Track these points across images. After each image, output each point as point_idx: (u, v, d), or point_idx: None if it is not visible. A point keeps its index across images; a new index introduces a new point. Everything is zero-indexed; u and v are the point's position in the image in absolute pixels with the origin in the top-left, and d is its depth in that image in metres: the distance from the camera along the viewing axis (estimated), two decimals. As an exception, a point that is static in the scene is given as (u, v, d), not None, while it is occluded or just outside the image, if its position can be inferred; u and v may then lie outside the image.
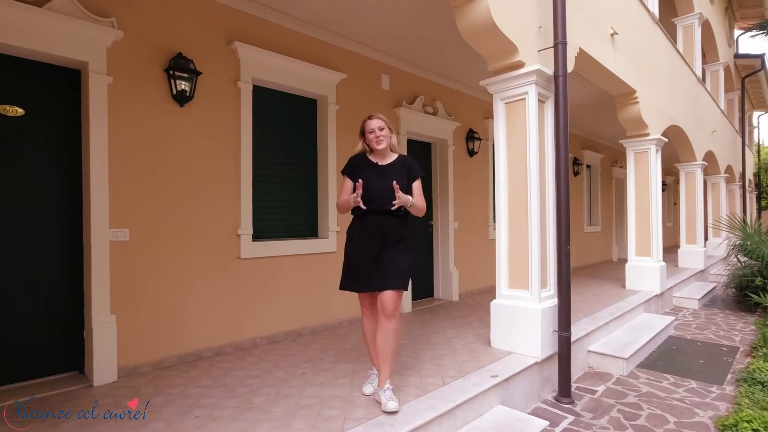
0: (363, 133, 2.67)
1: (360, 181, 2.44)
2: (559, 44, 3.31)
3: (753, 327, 5.40)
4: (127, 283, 3.05)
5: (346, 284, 2.66)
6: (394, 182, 2.44)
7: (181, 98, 3.27)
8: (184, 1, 3.36)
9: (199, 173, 3.43)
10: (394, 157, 2.70)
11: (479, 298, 5.78)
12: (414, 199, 2.61)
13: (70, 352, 2.98)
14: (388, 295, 2.48)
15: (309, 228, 4.35)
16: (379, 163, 2.67)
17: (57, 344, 2.95)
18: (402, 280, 2.53)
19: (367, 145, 2.67)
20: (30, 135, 2.85)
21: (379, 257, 2.53)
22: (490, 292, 5.93)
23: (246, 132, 3.72)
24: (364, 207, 2.50)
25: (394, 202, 2.46)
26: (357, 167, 2.66)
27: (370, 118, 2.66)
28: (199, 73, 3.34)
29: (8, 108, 2.78)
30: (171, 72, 3.20)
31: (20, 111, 2.82)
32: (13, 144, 2.80)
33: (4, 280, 2.76)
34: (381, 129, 2.61)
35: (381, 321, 2.51)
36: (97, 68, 2.91)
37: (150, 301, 3.15)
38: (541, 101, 3.41)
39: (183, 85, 3.24)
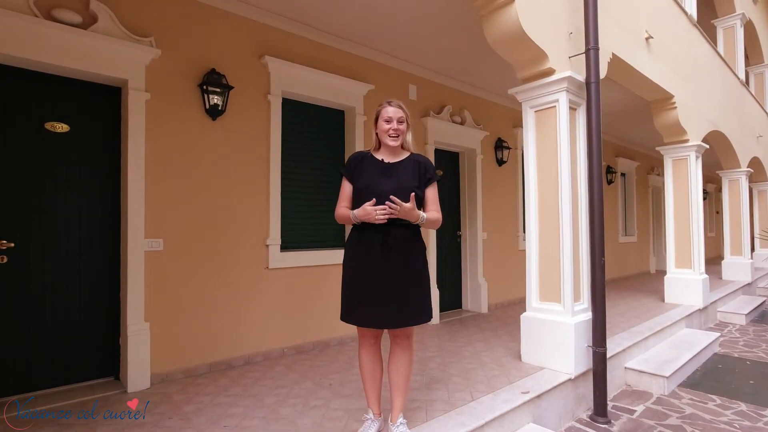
0: (377, 121, 2.24)
1: (374, 200, 2.05)
2: (591, 50, 3.22)
3: (809, 345, 5.03)
4: (161, 291, 3.14)
5: (347, 314, 2.15)
6: (412, 194, 2.03)
7: (214, 112, 3.38)
8: (217, 18, 3.49)
9: (230, 184, 3.52)
10: (405, 155, 2.26)
11: (509, 311, 5.64)
12: (427, 213, 2.17)
13: (106, 359, 3.09)
14: (403, 330, 2.15)
15: (337, 238, 4.36)
16: (385, 160, 2.23)
17: (94, 350, 3.06)
18: (421, 311, 2.13)
19: (377, 137, 2.26)
20: (74, 150, 3.00)
21: (387, 282, 2.07)
22: (520, 304, 5.80)
23: (275, 144, 3.80)
24: (383, 219, 2.05)
25: (389, 210, 2.00)
26: (358, 166, 2.22)
27: (389, 103, 2.21)
28: (231, 88, 3.44)
29: (56, 125, 2.94)
30: (204, 87, 3.31)
31: (65, 127, 2.97)
32: (59, 158, 2.95)
33: (47, 289, 2.89)
34: (400, 122, 2.18)
35: (394, 350, 2.20)
36: (137, 85, 3.05)
37: (182, 310, 3.23)
38: (573, 109, 3.32)
39: (216, 100, 3.34)
